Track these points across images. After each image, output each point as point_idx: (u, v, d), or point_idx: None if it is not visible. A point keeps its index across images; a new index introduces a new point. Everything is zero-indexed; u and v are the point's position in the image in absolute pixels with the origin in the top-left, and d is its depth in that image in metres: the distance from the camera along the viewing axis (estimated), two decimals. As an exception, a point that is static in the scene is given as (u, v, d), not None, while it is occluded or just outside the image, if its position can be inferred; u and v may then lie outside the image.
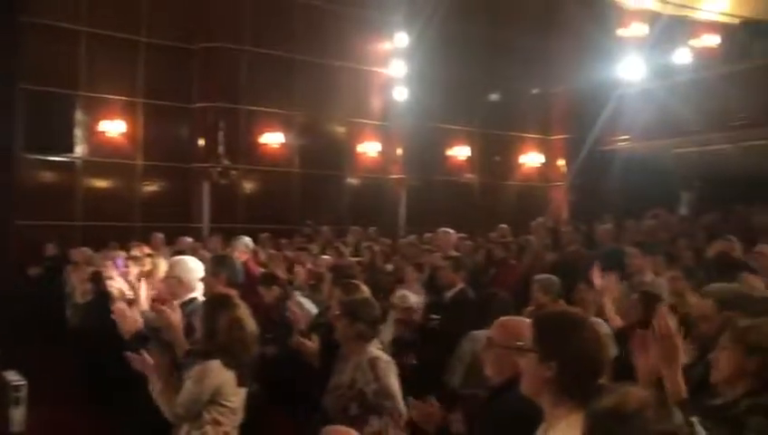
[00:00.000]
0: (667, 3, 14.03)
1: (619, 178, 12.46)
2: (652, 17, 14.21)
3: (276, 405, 4.16)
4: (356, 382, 3.32)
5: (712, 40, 14.69)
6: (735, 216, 10.23)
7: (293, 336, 4.13)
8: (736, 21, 14.77)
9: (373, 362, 3.33)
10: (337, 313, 3.57)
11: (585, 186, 13.34)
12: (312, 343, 3.96)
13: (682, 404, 2.07)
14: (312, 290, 5.79)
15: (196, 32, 11.72)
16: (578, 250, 8.00)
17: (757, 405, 2.26)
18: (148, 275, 5.11)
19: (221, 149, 11.63)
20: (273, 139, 11.97)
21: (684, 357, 2.82)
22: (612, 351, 3.30)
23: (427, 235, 9.30)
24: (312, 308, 5.09)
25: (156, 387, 3.20)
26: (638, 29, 14.19)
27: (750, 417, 2.22)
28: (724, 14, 14.74)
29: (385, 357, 3.43)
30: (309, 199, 11.99)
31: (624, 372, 2.47)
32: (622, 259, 6.01)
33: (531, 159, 14.29)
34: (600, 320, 3.95)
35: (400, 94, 12.76)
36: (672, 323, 2.80)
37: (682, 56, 13.76)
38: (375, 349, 3.48)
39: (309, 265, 6.81)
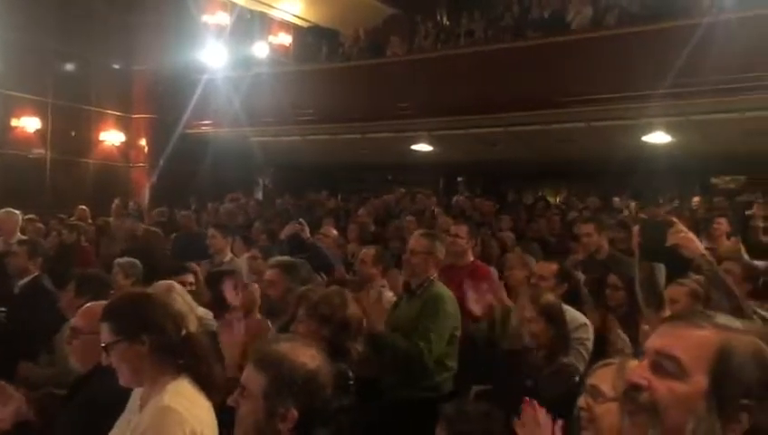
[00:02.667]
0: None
1: (204, 163, 12.73)
2: (234, 8, 14.84)
3: None
4: None
5: (286, 39, 16.11)
6: (306, 201, 11.45)
7: None
8: (307, 24, 16.49)
9: None
10: None
11: (170, 168, 13.26)
12: None
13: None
14: None
15: None
16: (150, 231, 7.93)
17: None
18: None
19: None
20: None
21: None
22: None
23: (-13, 216, 8.11)
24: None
25: None
26: (221, 17, 14.66)
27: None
28: (296, 16, 16.28)
29: None
30: None
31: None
32: (204, 241, 6.19)
33: (111, 137, 13.53)
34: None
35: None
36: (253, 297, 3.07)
37: (261, 50, 14.73)
38: None
39: None
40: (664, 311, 3.80)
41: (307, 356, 1.70)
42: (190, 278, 4.32)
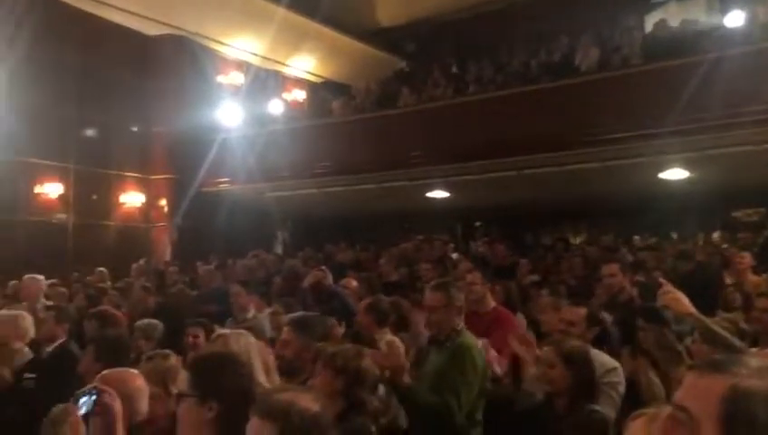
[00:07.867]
0: (260, 56, 15.21)
1: (222, 220, 12.86)
2: (248, 68, 15.21)
3: None
4: None
5: (300, 95, 16.43)
6: (324, 252, 11.45)
7: None
8: (319, 80, 16.83)
9: None
10: None
11: (189, 227, 13.42)
12: None
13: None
14: None
15: None
16: (182, 291, 8.00)
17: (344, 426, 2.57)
18: None
19: None
20: None
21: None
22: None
23: (12, 282, 8.22)
24: None
25: None
26: (235, 77, 15.02)
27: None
28: (309, 72, 16.63)
29: None
30: None
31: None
32: (227, 298, 6.21)
33: (131, 199, 13.75)
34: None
35: (-25, 122, 11.09)
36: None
37: (275, 107, 15.02)
38: None
39: None
40: (683, 364, 3.73)
41: (309, 401, 1.68)
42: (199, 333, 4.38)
